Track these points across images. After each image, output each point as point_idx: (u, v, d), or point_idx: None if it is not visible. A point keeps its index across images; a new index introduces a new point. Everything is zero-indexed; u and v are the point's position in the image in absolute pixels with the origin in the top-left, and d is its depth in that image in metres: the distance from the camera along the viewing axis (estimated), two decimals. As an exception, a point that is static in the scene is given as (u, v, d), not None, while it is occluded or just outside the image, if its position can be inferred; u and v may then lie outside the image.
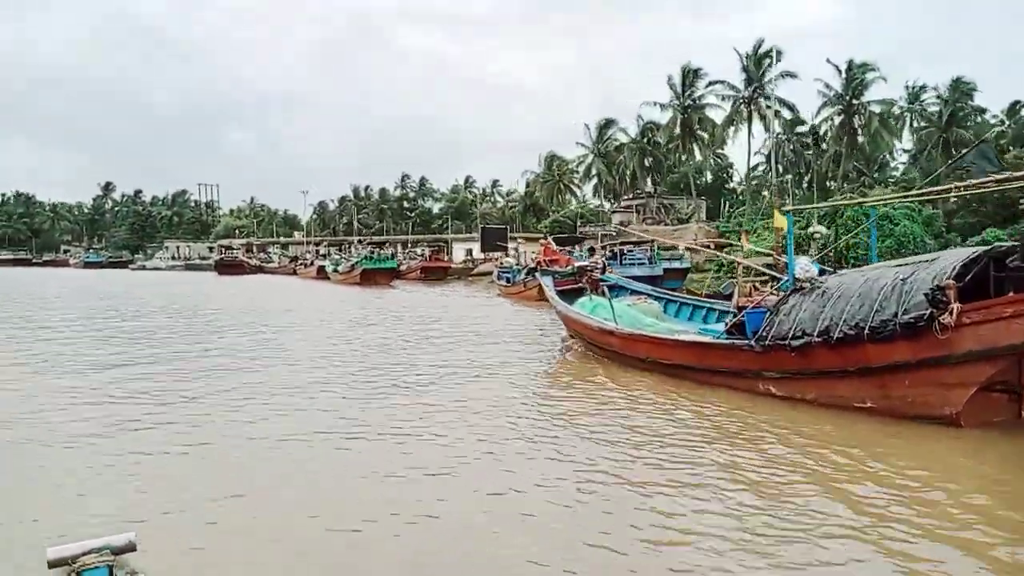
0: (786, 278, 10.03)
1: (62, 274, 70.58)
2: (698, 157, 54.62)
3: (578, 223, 54.61)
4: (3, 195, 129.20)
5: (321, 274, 55.28)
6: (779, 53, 44.76)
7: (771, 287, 11.25)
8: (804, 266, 9.66)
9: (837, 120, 46.19)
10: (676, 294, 17.86)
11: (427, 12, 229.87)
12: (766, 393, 9.42)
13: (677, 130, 48.55)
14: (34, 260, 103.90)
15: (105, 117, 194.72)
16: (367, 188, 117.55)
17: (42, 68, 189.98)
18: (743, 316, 9.95)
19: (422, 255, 56.83)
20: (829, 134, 47.39)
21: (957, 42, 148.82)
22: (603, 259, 28.62)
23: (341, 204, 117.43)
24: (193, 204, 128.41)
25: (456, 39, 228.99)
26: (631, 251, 35.06)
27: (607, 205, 71.02)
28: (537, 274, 22.11)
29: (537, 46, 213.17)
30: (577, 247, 42.28)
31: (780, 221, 10.62)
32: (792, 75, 45.09)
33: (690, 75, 47.96)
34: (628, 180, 56.00)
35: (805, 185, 49.90)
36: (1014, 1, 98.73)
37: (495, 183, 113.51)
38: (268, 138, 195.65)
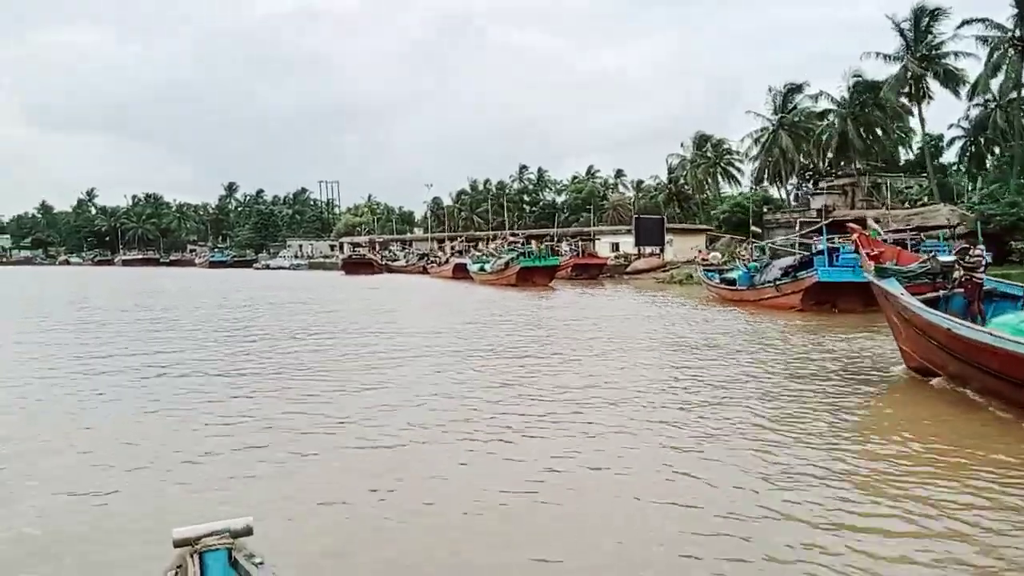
0: None
1: (193, 274, 67.98)
2: (916, 126, 43.52)
3: (751, 212, 45.49)
4: (134, 197, 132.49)
5: (459, 273, 49.02)
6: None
7: None
8: None
9: None
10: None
11: (526, 8, 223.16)
12: None
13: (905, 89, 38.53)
14: (161, 260, 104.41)
15: (226, 124, 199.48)
16: (486, 182, 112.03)
17: (167, 80, 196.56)
18: None
19: (572, 251, 49.43)
20: None
21: None
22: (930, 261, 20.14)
23: (458, 199, 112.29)
24: (312, 203, 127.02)
25: (558, 33, 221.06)
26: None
27: (772, 190, 61.31)
28: (869, 275, 14.04)
29: (638, 35, 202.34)
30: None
31: None
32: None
33: (925, 17, 37.69)
34: (824, 156, 46.31)
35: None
36: None
37: (619, 172, 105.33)
38: (379, 139, 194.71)
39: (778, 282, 21.70)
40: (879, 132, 43.38)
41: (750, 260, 24.53)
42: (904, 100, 40.18)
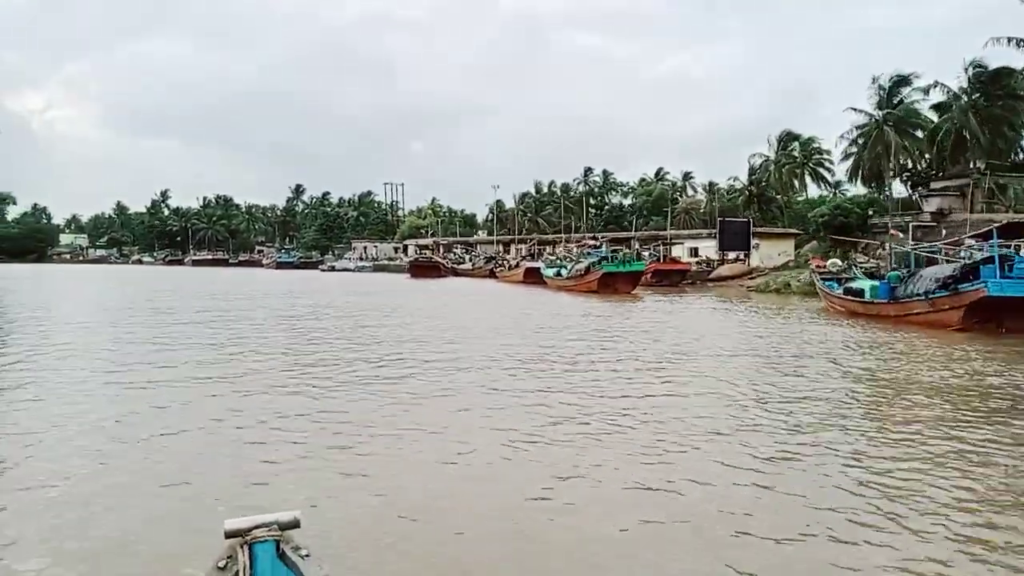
0: None
1: (262, 276, 67.31)
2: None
3: (854, 215, 41.28)
4: (205, 198, 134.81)
5: (531, 278, 46.38)
6: None
7: None
8: None
9: None
10: None
11: (592, 11, 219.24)
12: None
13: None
14: (230, 260, 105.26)
15: (296, 127, 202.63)
16: (550, 184, 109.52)
17: (238, 86, 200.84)
18: None
19: (652, 256, 46.25)
20: None
21: None
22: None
23: (522, 201, 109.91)
24: (377, 205, 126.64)
25: (622, 36, 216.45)
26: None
27: (863, 190, 56.43)
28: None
29: (704, 39, 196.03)
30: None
31: None
32: None
33: None
34: (940, 154, 41.77)
35: None
36: None
37: (687, 175, 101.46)
38: (445, 142, 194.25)
39: (932, 295, 18.27)
40: (1005, 128, 38.81)
41: (890, 268, 21.11)
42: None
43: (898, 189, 52.48)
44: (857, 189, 55.52)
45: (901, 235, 25.27)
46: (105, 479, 6.42)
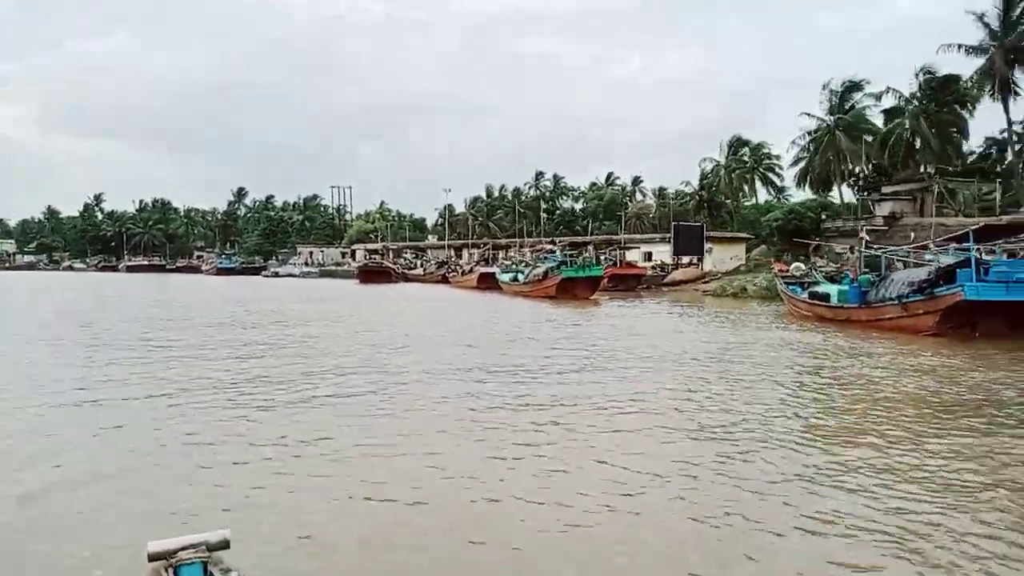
0: None
1: (203, 282, 64.35)
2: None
3: (807, 219, 41.39)
4: (141, 202, 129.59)
5: (485, 283, 45.26)
6: None
7: None
8: None
9: None
10: None
11: (545, 12, 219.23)
12: None
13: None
14: (167, 266, 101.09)
15: (239, 130, 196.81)
16: (501, 188, 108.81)
17: (180, 87, 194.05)
18: None
19: (609, 260, 45.67)
20: None
21: None
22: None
23: (472, 205, 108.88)
24: (323, 209, 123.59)
25: (575, 38, 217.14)
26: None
27: (809, 195, 57.04)
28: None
29: (659, 45, 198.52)
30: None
31: None
32: None
33: (1018, 5, 33.48)
34: (891, 158, 42.14)
35: None
36: None
37: (636, 179, 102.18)
38: (393, 146, 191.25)
39: (905, 299, 17.86)
40: (953, 132, 39.45)
41: (859, 273, 20.69)
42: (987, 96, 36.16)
43: (845, 194, 53.25)
44: (803, 194, 56.21)
45: (867, 238, 25.06)
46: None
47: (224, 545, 2.38)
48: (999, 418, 8.90)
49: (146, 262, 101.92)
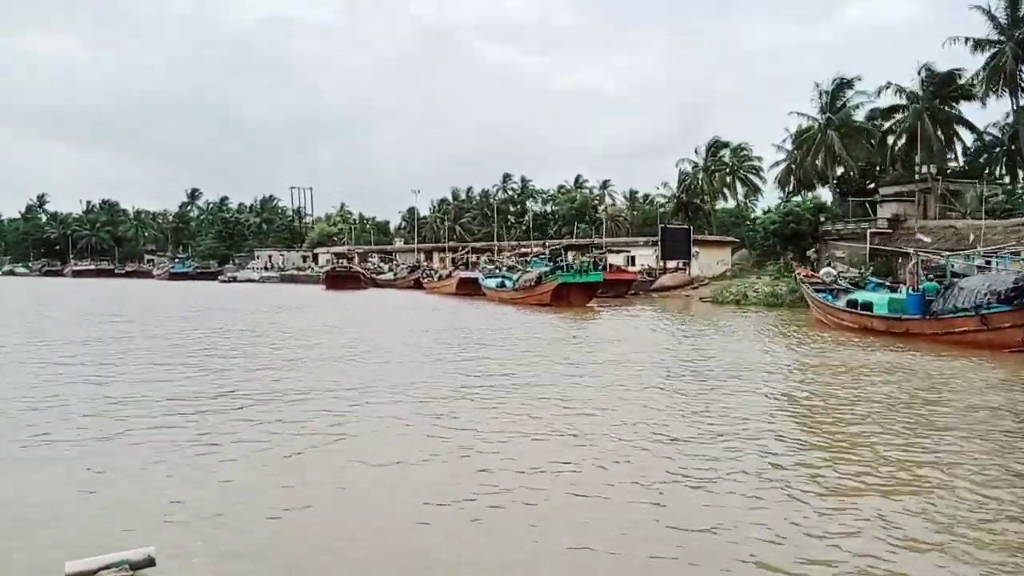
0: None
1: (155, 288, 59.95)
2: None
3: (805, 222, 39.40)
4: (88, 203, 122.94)
5: (465, 289, 42.41)
6: None
7: None
8: None
9: None
10: None
11: (505, 24, 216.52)
12: None
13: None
14: (116, 270, 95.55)
15: (192, 130, 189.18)
16: (468, 190, 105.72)
17: (130, 86, 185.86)
18: None
19: (597, 265, 43.15)
20: None
21: None
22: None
23: (439, 208, 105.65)
24: (281, 211, 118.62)
25: (535, 50, 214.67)
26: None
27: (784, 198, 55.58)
28: None
29: (616, 54, 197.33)
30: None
31: None
32: None
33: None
34: (890, 158, 40.48)
35: None
36: None
37: (605, 183, 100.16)
38: (353, 148, 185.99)
39: (984, 310, 15.67)
40: (956, 128, 37.96)
41: (920, 280, 18.50)
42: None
43: (828, 196, 51.79)
44: (777, 197, 54.65)
45: (927, 240, 23.01)
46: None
47: (149, 563, 2.23)
48: None
49: (93, 266, 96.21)
